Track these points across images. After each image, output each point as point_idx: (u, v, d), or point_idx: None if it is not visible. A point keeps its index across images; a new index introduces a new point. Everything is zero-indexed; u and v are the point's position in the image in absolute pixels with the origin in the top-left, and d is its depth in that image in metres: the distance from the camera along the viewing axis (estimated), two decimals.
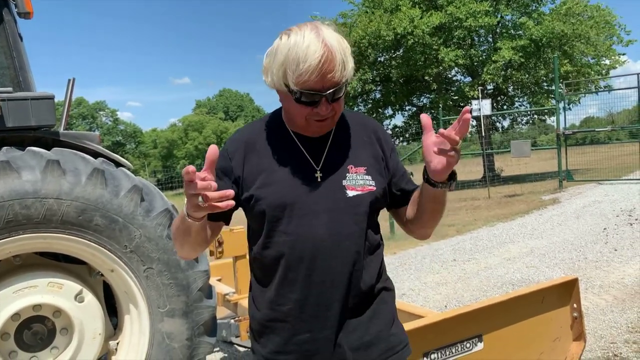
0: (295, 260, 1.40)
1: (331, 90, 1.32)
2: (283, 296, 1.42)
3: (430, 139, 1.31)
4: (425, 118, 1.34)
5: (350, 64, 1.36)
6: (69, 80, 3.19)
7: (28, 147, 2.52)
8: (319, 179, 1.42)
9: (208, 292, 2.76)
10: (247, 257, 3.70)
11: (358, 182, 1.43)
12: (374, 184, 1.45)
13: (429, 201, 1.41)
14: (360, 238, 1.43)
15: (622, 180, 13.95)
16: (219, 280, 4.15)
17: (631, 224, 7.91)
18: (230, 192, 1.17)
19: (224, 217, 1.47)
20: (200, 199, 1.16)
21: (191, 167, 1.13)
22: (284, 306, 1.42)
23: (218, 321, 2.94)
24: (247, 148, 1.46)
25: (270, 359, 1.46)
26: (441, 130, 1.25)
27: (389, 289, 1.55)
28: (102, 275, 2.71)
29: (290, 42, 1.29)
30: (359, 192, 1.42)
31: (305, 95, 1.32)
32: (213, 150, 1.19)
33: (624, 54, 21.51)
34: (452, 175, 1.35)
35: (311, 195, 1.40)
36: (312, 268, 1.39)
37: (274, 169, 1.42)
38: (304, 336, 1.41)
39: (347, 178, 1.43)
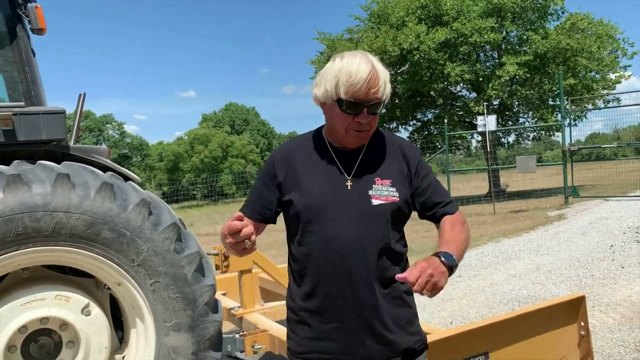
0: (325, 258, 1.59)
1: (373, 103, 1.55)
2: (315, 290, 1.62)
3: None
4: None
5: (389, 88, 1.58)
6: (80, 95, 3.24)
7: (39, 161, 2.55)
8: (349, 188, 1.62)
9: (214, 306, 2.76)
10: (253, 271, 3.73)
11: (382, 192, 1.62)
12: (397, 195, 1.63)
13: None
14: (382, 242, 1.60)
15: (628, 196, 13.88)
16: (224, 294, 4.14)
17: (638, 241, 7.85)
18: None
19: (273, 218, 1.71)
20: (247, 242, 1.43)
21: (236, 224, 1.41)
22: (316, 298, 1.62)
23: (223, 336, 2.94)
24: (290, 157, 1.69)
25: (301, 344, 1.66)
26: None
27: (410, 293, 1.68)
28: (109, 288, 2.72)
29: (344, 61, 1.55)
30: (382, 202, 1.61)
31: (350, 105, 1.54)
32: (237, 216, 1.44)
33: (629, 66, 21.52)
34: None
35: (341, 201, 1.60)
36: (340, 266, 1.58)
37: (311, 177, 1.64)
38: (332, 325, 1.61)
39: (373, 188, 1.62)
